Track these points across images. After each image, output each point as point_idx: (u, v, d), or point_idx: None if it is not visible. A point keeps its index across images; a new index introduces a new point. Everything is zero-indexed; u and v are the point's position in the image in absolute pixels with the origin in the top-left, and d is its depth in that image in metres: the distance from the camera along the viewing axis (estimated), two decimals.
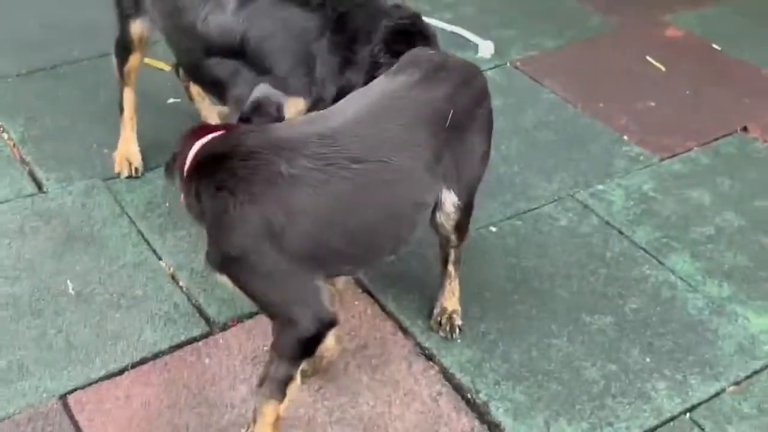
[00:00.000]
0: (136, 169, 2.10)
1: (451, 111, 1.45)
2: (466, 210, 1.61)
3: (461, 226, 1.63)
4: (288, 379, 1.34)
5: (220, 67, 1.83)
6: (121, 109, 2.12)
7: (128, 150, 2.13)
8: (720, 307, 1.93)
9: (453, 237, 1.66)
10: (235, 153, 1.33)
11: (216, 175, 1.31)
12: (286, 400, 1.40)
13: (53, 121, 2.39)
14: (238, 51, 1.78)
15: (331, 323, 1.38)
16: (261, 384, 1.39)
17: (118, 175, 2.12)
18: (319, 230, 1.32)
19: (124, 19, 2.04)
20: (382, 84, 1.50)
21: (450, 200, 1.54)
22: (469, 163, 1.54)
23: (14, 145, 2.28)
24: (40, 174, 2.18)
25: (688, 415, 1.65)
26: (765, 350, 1.85)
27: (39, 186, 2.16)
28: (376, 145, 1.37)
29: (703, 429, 1.62)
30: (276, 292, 1.32)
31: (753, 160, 2.45)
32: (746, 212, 2.24)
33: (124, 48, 2.08)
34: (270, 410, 1.39)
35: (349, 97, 1.52)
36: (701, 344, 1.86)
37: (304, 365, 1.41)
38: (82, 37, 2.79)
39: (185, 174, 1.46)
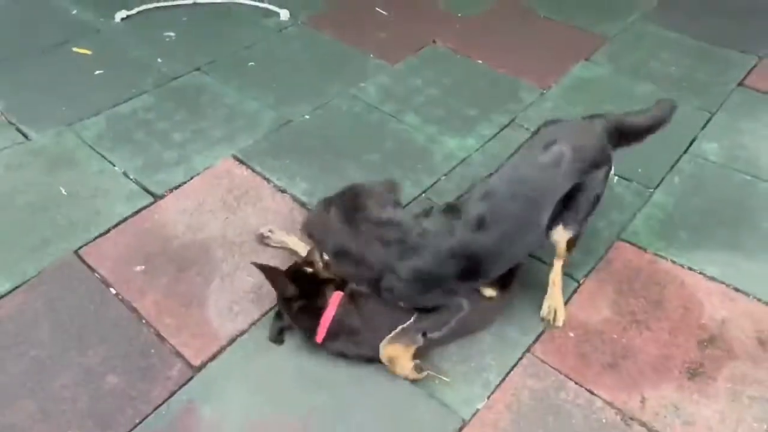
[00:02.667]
0: None
1: None
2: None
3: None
4: None
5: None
6: None
7: None
8: (432, 138, 2.83)
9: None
10: None
11: None
12: None
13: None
14: None
15: None
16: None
17: None
18: None
19: None
20: None
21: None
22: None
23: (1, 114, 2.83)
24: (24, 128, 2.75)
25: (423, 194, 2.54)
26: (458, 156, 2.72)
27: (25, 136, 2.73)
28: None
29: (430, 199, 2.51)
30: None
31: (442, 57, 3.36)
32: (437, 86, 3.11)
33: None
34: None
35: None
36: (425, 158, 2.69)
37: None
38: None
39: None
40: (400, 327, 1.86)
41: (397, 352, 1.85)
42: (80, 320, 2.03)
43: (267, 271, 1.90)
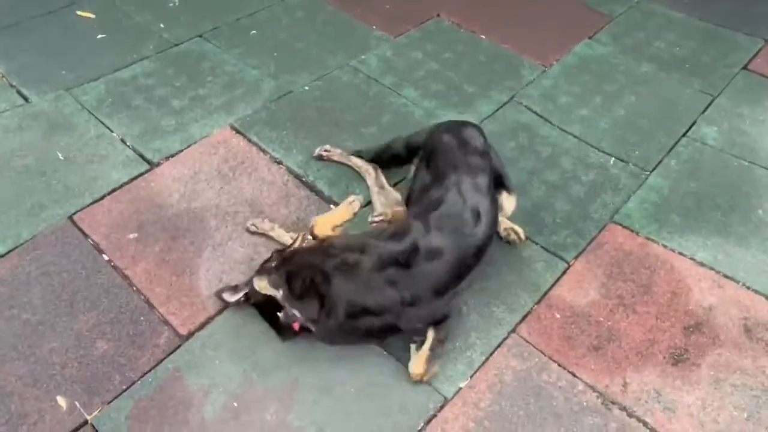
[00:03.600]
0: None
1: None
2: None
3: None
4: None
5: None
6: None
7: None
8: (430, 113, 2.71)
9: None
10: None
11: None
12: None
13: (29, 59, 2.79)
14: None
15: None
16: None
17: None
18: None
19: None
20: None
21: None
22: None
23: (3, 76, 2.71)
24: (25, 91, 2.64)
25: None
26: None
27: (25, 99, 2.62)
28: None
29: None
30: None
31: (445, 31, 3.19)
32: (438, 60, 2.97)
33: None
34: None
35: None
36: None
37: None
38: None
39: None
40: (421, 351, 1.76)
41: (423, 371, 1.76)
42: (72, 286, 1.97)
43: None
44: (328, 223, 2.03)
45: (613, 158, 2.55)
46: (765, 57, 3.14)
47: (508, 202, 2.04)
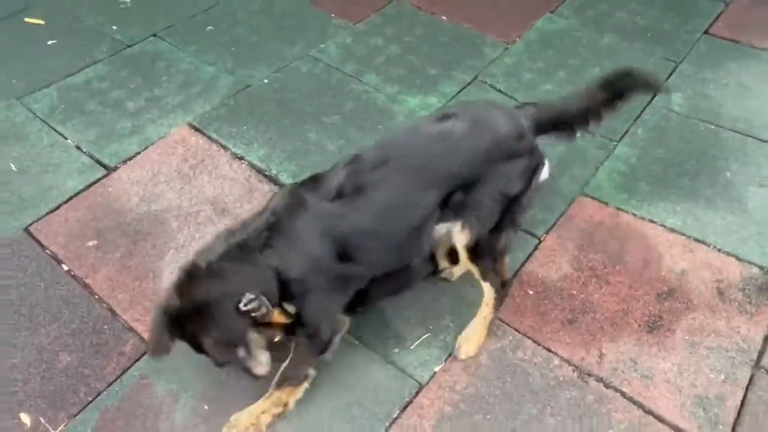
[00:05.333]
0: None
1: None
2: None
3: None
4: None
5: None
6: None
7: None
8: (393, 98, 2.65)
9: None
10: None
11: None
12: None
13: None
14: None
15: None
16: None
17: None
18: None
19: None
20: None
21: None
22: None
23: None
24: None
25: None
26: (420, 114, 2.55)
27: None
28: None
29: None
30: None
31: (405, 15, 3.15)
32: (399, 44, 2.93)
33: None
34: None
35: None
36: (387, 118, 2.53)
37: None
38: None
39: None
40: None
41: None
42: (31, 299, 1.91)
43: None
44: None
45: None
46: (725, 20, 3.14)
47: (456, 235, 1.65)
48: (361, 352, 1.78)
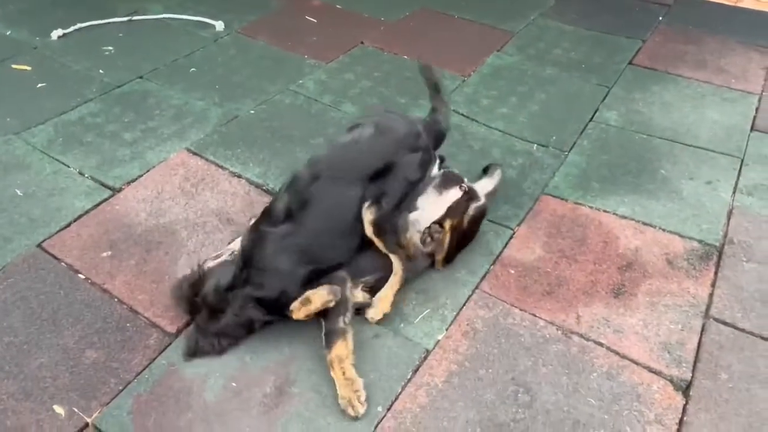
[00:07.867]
0: None
1: None
2: None
3: None
4: None
5: None
6: None
7: None
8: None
9: None
10: None
11: None
12: None
13: None
14: None
15: None
16: None
17: None
18: None
19: None
20: None
21: None
22: None
23: None
24: None
25: None
26: None
27: None
28: None
29: None
30: None
31: (371, 55, 3.52)
32: (369, 79, 3.27)
33: None
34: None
35: None
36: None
37: None
38: None
39: None
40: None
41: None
42: (52, 305, 2.01)
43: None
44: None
45: (535, 144, 2.90)
46: (645, 53, 3.68)
47: (365, 214, 2.01)
48: (372, 329, 1.98)
